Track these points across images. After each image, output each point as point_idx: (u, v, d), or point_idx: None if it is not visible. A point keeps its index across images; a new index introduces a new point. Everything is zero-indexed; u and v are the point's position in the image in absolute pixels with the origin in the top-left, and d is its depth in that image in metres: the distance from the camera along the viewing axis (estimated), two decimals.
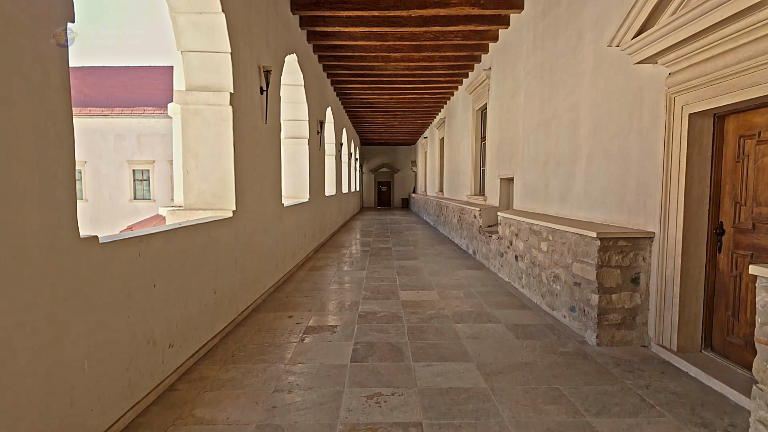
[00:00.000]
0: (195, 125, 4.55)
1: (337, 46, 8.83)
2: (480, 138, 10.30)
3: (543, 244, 5.13)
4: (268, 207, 5.81)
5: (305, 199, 8.42)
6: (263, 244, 5.59)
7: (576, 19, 5.19)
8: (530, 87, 6.65)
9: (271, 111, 5.79)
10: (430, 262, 7.97)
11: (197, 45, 4.47)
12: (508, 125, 7.73)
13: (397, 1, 6.79)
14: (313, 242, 9.02)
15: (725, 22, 2.88)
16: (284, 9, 6.49)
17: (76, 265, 2.24)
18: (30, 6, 1.98)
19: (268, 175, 5.76)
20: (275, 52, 6.04)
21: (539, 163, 6.31)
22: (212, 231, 4.07)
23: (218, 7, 4.27)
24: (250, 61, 5.06)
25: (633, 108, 4.10)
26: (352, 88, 12.19)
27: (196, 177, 4.60)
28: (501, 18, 7.47)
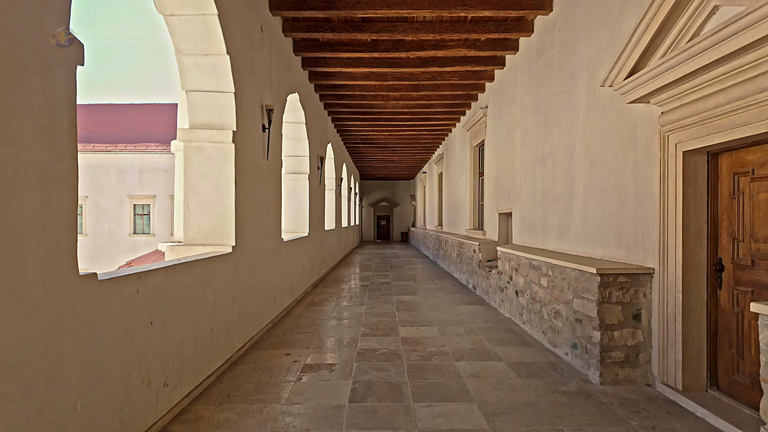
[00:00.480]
0: (197, 162, 4.62)
1: (338, 85, 9.08)
2: (478, 173, 10.43)
3: (543, 279, 5.10)
4: (268, 242, 5.82)
5: (305, 233, 8.44)
6: (262, 279, 5.56)
7: (569, 61, 5.37)
8: (526, 125, 6.80)
9: (272, 148, 5.89)
10: (430, 297, 7.90)
11: (202, 85, 4.61)
12: (506, 161, 7.85)
13: (396, 44, 7.04)
14: (312, 277, 8.97)
15: (713, 64, 2.99)
16: (287, 51, 6.72)
17: (74, 303, 2.23)
18: (42, 52, 2.06)
19: (268, 211, 5.80)
20: (278, 92, 6.21)
21: (537, 198, 6.36)
22: (211, 267, 4.06)
23: (223, 50, 4.42)
24: (253, 100, 5.19)
25: (627, 145, 4.19)
26: (352, 125, 12.45)
27: (196, 213, 4.63)
28: (496, 59, 7.73)
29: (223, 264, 4.36)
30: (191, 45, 4.43)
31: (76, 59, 2.36)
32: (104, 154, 22.59)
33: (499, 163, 8.28)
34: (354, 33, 6.43)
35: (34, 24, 2.03)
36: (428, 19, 6.38)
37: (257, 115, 5.33)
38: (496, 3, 5.72)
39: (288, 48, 6.77)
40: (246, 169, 4.95)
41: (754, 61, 2.76)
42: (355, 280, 10.11)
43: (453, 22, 6.44)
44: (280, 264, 6.45)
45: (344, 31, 6.41)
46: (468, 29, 6.45)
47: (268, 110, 5.54)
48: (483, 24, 6.44)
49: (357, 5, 5.71)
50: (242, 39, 4.83)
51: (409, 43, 7.04)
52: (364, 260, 15.10)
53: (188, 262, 3.67)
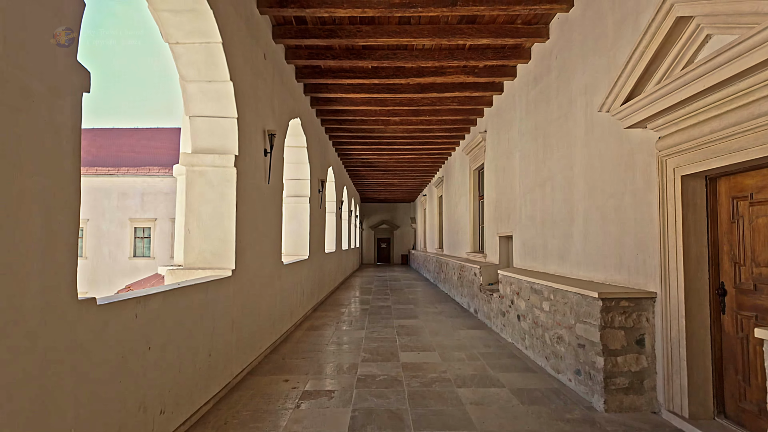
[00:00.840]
0: (199, 186, 4.65)
1: (339, 110, 9.22)
2: (478, 196, 10.48)
3: (545, 303, 5.07)
4: (268, 265, 5.80)
5: (305, 256, 8.42)
6: (261, 303, 5.52)
7: (566, 87, 5.47)
8: (525, 149, 6.87)
9: (274, 171, 5.94)
10: (431, 321, 7.82)
11: (205, 111, 4.68)
12: (505, 185, 7.89)
13: (396, 70, 7.18)
14: (312, 300, 8.90)
15: (707, 91, 3.04)
16: (289, 77, 6.85)
17: (72, 328, 2.21)
18: (49, 79, 2.11)
19: (268, 234, 5.80)
20: (280, 117, 6.30)
21: (537, 222, 6.37)
22: (210, 291, 4.04)
23: (227, 76, 4.51)
24: (256, 125, 5.27)
25: (626, 170, 4.22)
26: (352, 149, 12.58)
27: (197, 236, 4.63)
28: (495, 85, 7.87)
29: (223, 288, 4.34)
30: (195, 72, 4.52)
31: (82, 86, 2.41)
32: (106, 178, 22.73)
33: (498, 187, 8.33)
34: (355, 60, 6.57)
35: (42, 52, 2.07)
36: (428, 47, 6.52)
37: (259, 140, 5.39)
38: (494, 31, 5.86)
39: (290, 74, 6.91)
40: (247, 193, 4.98)
41: (747, 87, 2.81)
42: (355, 304, 10.03)
43: (452, 49, 6.59)
44: (280, 288, 6.41)
45: (345, 58, 6.55)
46: (467, 56, 6.58)
47: (269, 135, 5.61)
48: (481, 51, 6.58)
49: (358, 34, 5.85)
50: (245, 66, 4.93)
51: (408, 69, 7.18)
52: (364, 283, 15.01)
53: (187, 286, 3.66)
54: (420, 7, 5.14)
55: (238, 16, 4.72)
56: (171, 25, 4.21)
